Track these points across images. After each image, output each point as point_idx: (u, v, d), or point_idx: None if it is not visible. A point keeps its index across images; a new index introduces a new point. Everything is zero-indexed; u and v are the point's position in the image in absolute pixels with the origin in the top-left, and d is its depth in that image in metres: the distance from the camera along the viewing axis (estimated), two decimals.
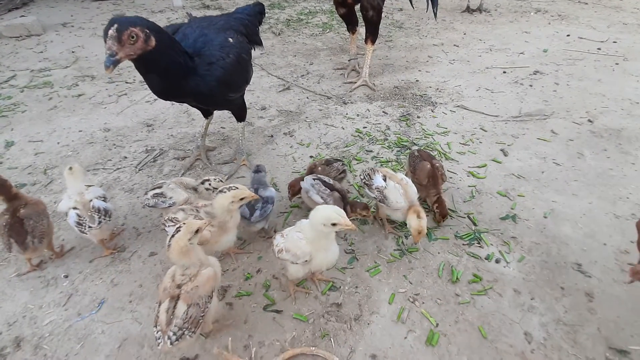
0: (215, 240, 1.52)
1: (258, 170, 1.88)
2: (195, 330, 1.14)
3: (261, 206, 1.66)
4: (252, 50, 2.35)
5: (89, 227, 1.59)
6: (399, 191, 1.62)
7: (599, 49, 4.13)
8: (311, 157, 2.46)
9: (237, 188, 1.48)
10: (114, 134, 2.83)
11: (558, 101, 3.05)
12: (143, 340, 1.38)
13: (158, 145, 2.66)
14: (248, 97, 3.31)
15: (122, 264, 1.72)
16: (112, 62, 1.40)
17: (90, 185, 1.73)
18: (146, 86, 3.58)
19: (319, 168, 1.89)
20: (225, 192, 1.47)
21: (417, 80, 3.59)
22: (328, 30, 5.23)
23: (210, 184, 1.76)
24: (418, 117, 2.93)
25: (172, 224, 1.47)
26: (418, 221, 1.56)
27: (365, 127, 2.79)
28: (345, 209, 1.73)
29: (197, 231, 1.22)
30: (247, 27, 2.17)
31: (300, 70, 3.89)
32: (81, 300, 1.57)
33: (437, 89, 3.41)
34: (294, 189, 1.84)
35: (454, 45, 4.55)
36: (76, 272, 1.70)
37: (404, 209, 1.61)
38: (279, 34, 5.06)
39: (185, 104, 2.91)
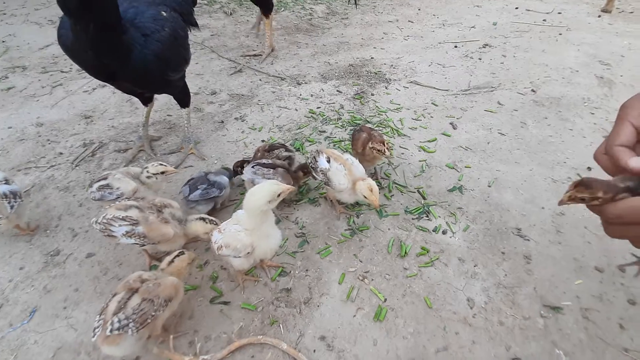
0: (174, 241, 1.45)
1: (226, 169, 1.89)
2: (139, 328, 1.08)
3: (205, 187, 1.62)
4: (189, 32, 2.20)
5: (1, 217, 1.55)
6: (341, 172, 1.59)
7: (544, 20, 4.25)
8: (263, 141, 2.38)
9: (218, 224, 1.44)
10: (47, 129, 2.59)
11: (505, 73, 3.13)
12: (79, 347, 1.30)
13: (97, 138, 2.47)
14: (197, 82, 3.14)
15: (55, 268, 1.60)
16: None
17: None
18: (84, 75, 3.30)
19: (259, 154, 1.83)
20: (207, 223, 1.45)
21: (372, 58, 3.55)
22: (283, 9, 5.03)
23: (148, 171, 1.64)
24: (372, 94, 2.90)
25: (125, 222, 1.37)
26: (363, 183, 1.54)
27: (319, 107, 2.74)
28: (295, 177, 1.77)
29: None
30: (181, 5, 2.02)
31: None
32: (12, 310, 1.45)
33: (392, 65, 3.39)
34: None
35: (409, 21, 4.53)
36: (5, 280, 1.56)
37: (349, 190, 1.59)
38: (231, 14, 4.81)
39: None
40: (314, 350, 1.27)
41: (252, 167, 1.67)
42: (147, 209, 1.42)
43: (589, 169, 2.05)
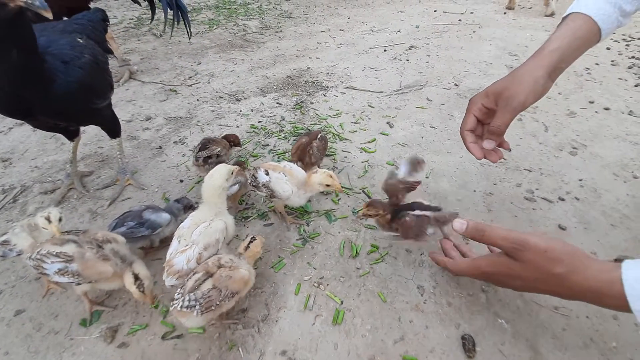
0: (113, 280, 1.35)
1: (177, 200, 1.75)
2: (203, 312, 1.18)
3: (132, 225, 1.52)
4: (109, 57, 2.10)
5: None
6: (283, 180, 1.62)
7: (459, 20, 4.67)
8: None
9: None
10: None
11: (430, 71, 3.38)
12: None
13: (19, 182, 2.24)
14: (129, 109, 2.99)
15: None
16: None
17: None
18: None
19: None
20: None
21: (308, 68, 3.64)
22: (215, 27, 4.99)
23: (34, 224, 1.45)
24: (311, 103, 2.97)
25: (59, 259, 1.28)
26: (320, 174, 1.62)
27: (261, 122, 2.74)
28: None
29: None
30: (94, 32, 1.92)
31: (187, 72, 3.65)
32: None
33: (328, 73, 3.50)
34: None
35: (340, 29, 4.73)
36: None
37: (297, 193, 1.63)
38: (161, 35, 4.67)
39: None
40: None
41: None
42: (86, 243, 1.33)
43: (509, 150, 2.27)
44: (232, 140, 2.11)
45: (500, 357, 1.26)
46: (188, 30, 3.11)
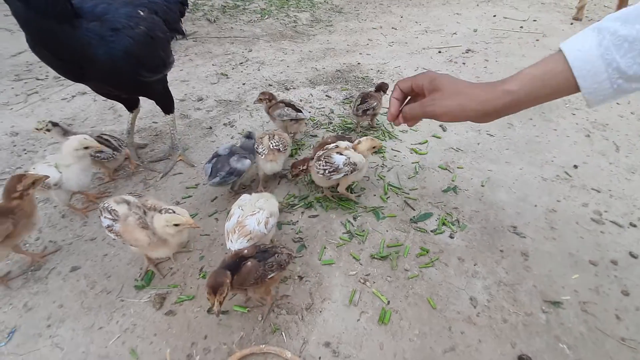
0: (153, 248, 1.36)
1: (249, 136, 1.90)
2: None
3: (224, 175, 1.68)
4: (175, 39, 2.14)
5: None
6: (354, 153, 1.72)
7: (521, 27, 4.43)
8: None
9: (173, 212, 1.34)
10: (23, 138, 2.46)
11: (488, 76, 3.22)
12: None
13: None
14: (182, 88, 3.07)
15: (37, 284, 1.49)
16: None
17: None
18: (62, 82, 3.17)
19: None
20: (162, 213, 1.33)
21: (358, 63, 3.59)
22: (267, 16, 5.04)
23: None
24: None
25: (110, 216, 1.36)
26: (365, 141, 1.75)
27: (309, 112, 2.72)
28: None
29: None
30: (166, 13, 1.96)
31: (238, 58, 3.70)
32: None
33: (378, 70, 3.43)
34: (296, 169, 1.79)
35: (392, 28, 4.62)
36: None
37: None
38: (215, 21, 4.78)
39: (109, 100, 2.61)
40: (319, 358, 1.22)
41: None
42: (135, 207, 1.37)
43: (575, 167, 2.12)
44: (385, 89, 2.43)
45: None
46: None
